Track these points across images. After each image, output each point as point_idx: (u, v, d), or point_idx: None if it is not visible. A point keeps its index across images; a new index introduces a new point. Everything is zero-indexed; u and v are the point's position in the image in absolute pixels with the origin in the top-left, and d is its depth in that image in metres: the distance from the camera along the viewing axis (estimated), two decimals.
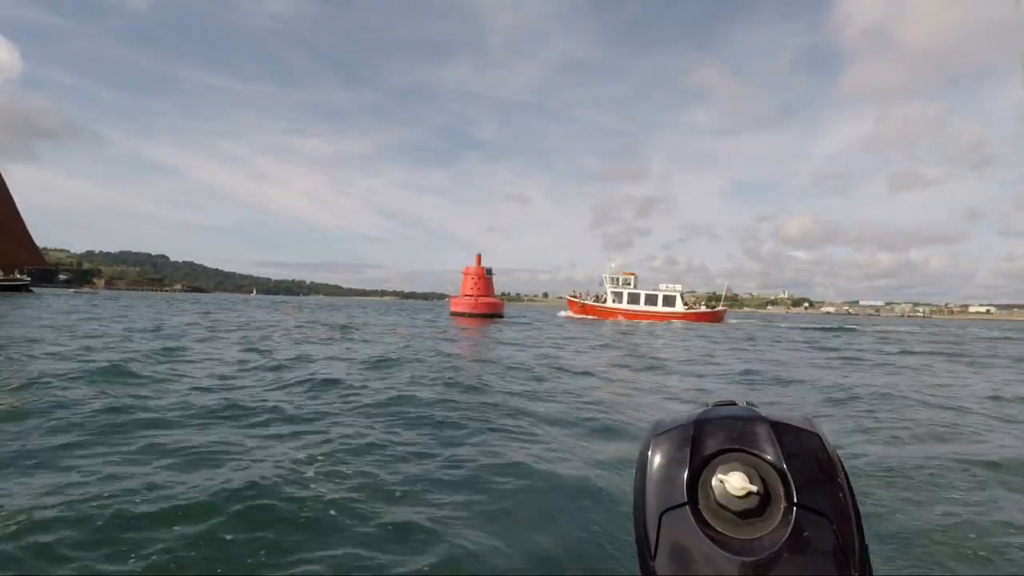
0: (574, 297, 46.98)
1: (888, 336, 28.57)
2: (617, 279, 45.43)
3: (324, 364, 9.83)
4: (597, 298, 45.73)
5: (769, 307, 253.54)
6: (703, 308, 46.10)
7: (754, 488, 0.46)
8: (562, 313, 47.72)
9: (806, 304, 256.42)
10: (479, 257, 42.23)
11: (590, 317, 44.09)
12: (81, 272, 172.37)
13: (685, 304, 44.11)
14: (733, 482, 0.46)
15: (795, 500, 0.46)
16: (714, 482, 0.48)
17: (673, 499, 0.48)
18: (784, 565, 0.44)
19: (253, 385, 7.42)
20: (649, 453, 0.52)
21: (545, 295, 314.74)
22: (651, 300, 44.14)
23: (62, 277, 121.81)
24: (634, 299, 44.56)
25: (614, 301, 44.69)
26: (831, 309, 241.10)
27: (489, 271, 42.05)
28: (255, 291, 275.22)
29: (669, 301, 43.64)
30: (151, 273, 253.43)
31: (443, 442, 4.75)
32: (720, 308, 46.54)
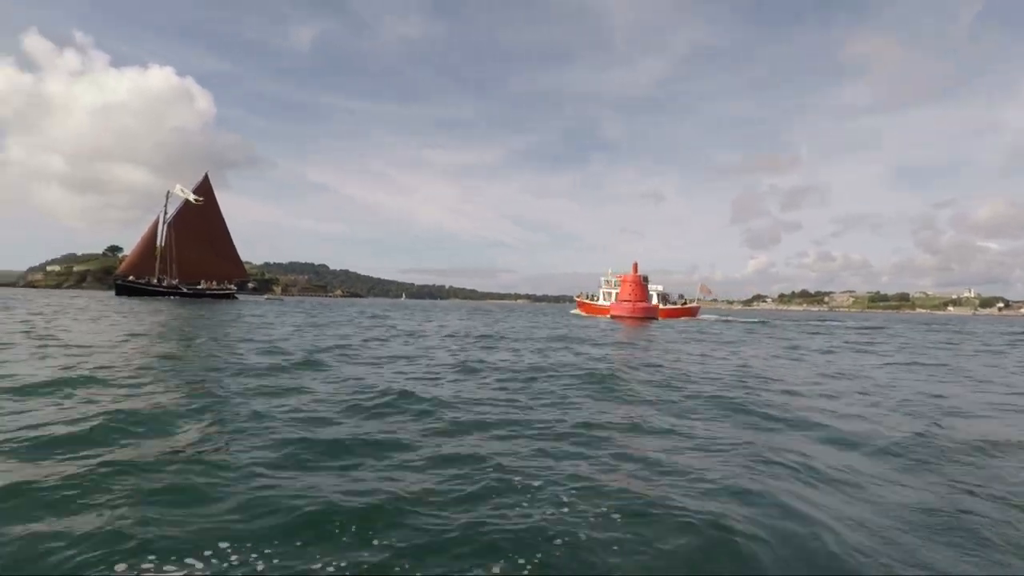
0: (579, 297, 57.33)
1: None
2: (610, 281, 53.24)
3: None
4: (591, 297, 55.13)
5: (950, 308, 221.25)
6: (679, 305, 52.60)
7: None
8: (572, 311, 57.65)
9: (1000, 304, 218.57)
10: (636, 265, 47.37)
11: (585, 313, 53.35)
12: (263, 281, 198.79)
13: (668, 302, 51.53)
14: None
15: None
16: None
17: None
18: None
19: None
20: None
21: (680, 297, 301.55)
22: None
23: (251, 285, 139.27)
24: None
25: (605, 300, 52.52)
26: None
27: (645, 279, 47.35)
28: (404, 295, 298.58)
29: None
30: (316, 280, 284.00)
31: None
32: (693, 305, 53.57)
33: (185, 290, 69.15)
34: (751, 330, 31.01)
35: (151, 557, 2.79)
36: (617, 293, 51.01)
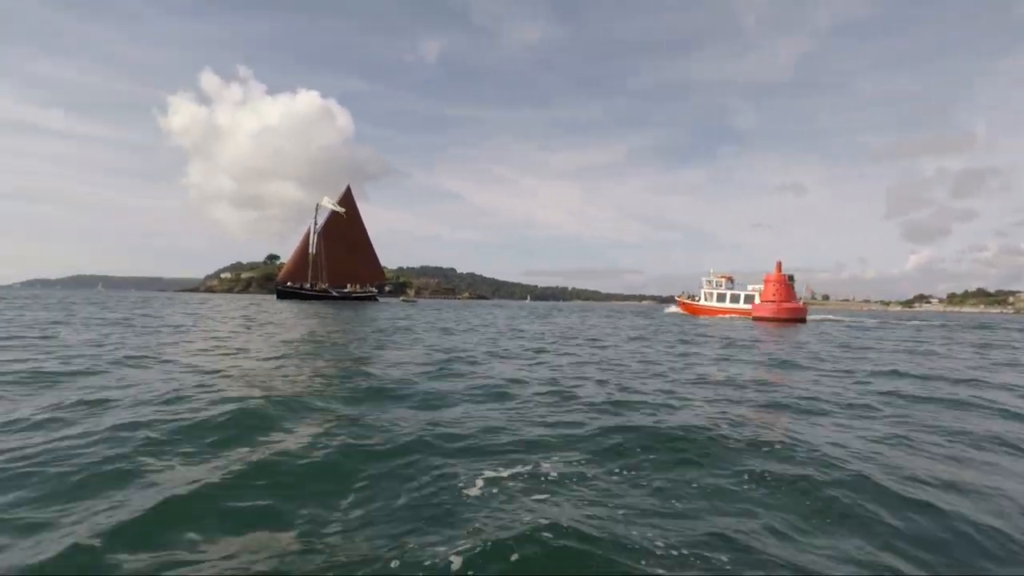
0: (679, 297, 58.14)
1: None
2: (712, 281, 53.47)
3: None
4: (691, 297, 55.51)
5: None
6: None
7: None
8: (669, 309, 59.94)
9: None
10: (779, 264, 46.15)
11: (685, 312, 55.02)
12: (398, 284, 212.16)
13: None
14: None
15: None
16: None
17: None
18: None
19: None
20: None
21: (825, 297, 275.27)
22: (735, 299, 51.23)
23: (387, 289, 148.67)
24: (721, 298, 52.10)
25: (705, 300, 53.25)
26: None
27: (791, 278, 45.66)
28: (528, 297, 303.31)
29: (749, 299, 49.94)
30: (445, 284, 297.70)
31: None
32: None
33: (334, 293, 75.26)
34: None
35: None
36: (717, 294, 52.51)
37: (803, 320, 42.62)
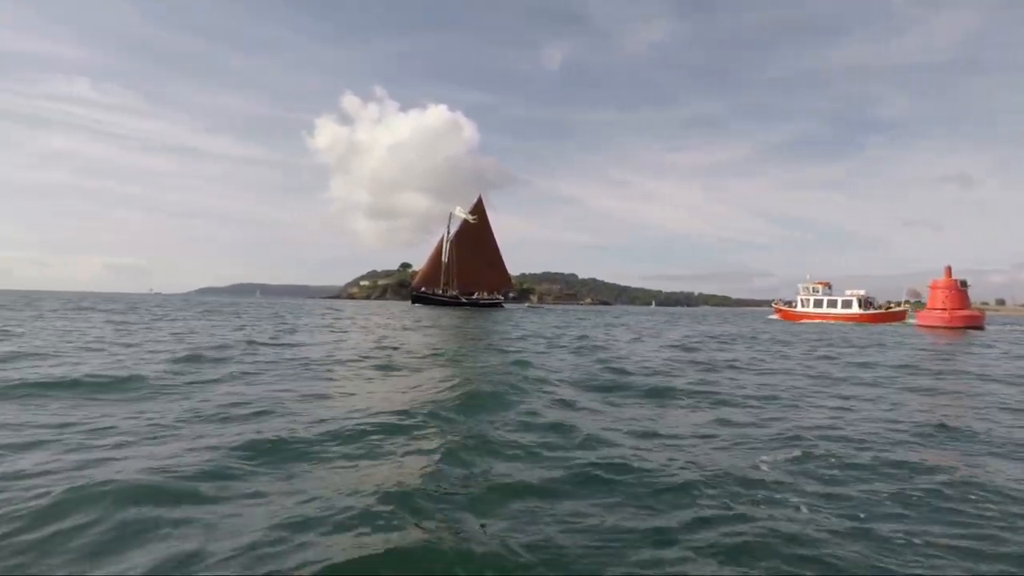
0: (775, 304, 60.09)
1: None
2: (809, 287, 54.08)
3: None
4: (788, 303, 56.42)
5: None
6: (884, 310, 50.55)
7: None
8: (771, 316, 59.59)
9: None
10: (948, 269, 42.50)
11: (782, 319, 54.19)
12: (521, 290, 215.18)
13: (862, 307, 50.31)
14: None
15: None
16: None
17: None
18: None
19: None
20: None
21: (1001, 302, 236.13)
22: (832, 304, 51.84)
23: (512, 295, 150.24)
24: (818, 304, 52.75)
25: (802, 306, 53.97)
26: None
27: (964, 283, 42.26)
28: (653, 303, 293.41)
29: (847, 304, 50.85)
30: (566, 289, 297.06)
31: None
32: (899, 310, 50.56)
33: (463, 300, 77.26)
34: None
35: None
36: (814, 300, 52.61)
37: (979, 327, 38.86)
